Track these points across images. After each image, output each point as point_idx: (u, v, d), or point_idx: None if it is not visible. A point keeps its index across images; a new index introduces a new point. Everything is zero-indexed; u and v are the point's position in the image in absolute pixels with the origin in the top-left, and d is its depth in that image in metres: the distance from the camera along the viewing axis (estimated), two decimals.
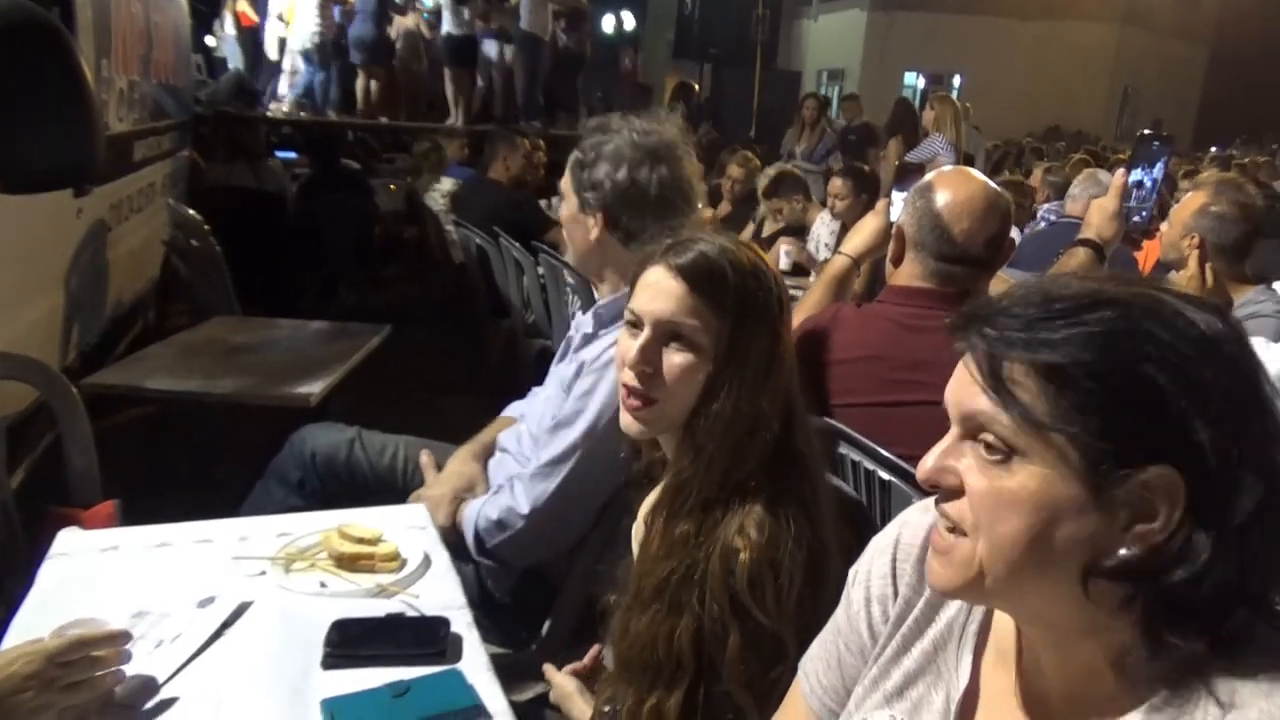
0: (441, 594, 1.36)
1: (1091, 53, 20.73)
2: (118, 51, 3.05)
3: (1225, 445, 0.66)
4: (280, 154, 6.80)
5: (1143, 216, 2.03)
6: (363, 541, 1.42)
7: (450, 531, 1.77)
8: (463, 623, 1.27)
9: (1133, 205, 2.00)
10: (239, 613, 1.27)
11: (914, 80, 20.55)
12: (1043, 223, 4.77)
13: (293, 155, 7.09)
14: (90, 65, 2.52)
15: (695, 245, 1.20)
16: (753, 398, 1.16)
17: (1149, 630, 0.69)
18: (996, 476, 0.71)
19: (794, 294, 1.63)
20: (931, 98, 6.82)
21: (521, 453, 1.89)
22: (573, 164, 1.83)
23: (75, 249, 2.72)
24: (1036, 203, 5.24)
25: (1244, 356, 0.69)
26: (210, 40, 9.59)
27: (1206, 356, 0.67)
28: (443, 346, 4.93)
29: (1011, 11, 20.08)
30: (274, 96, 8.57)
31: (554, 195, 5.34)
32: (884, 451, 1.51)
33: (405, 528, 1.53)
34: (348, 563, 1.39)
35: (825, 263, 2.84)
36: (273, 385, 2.48)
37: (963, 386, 0.74)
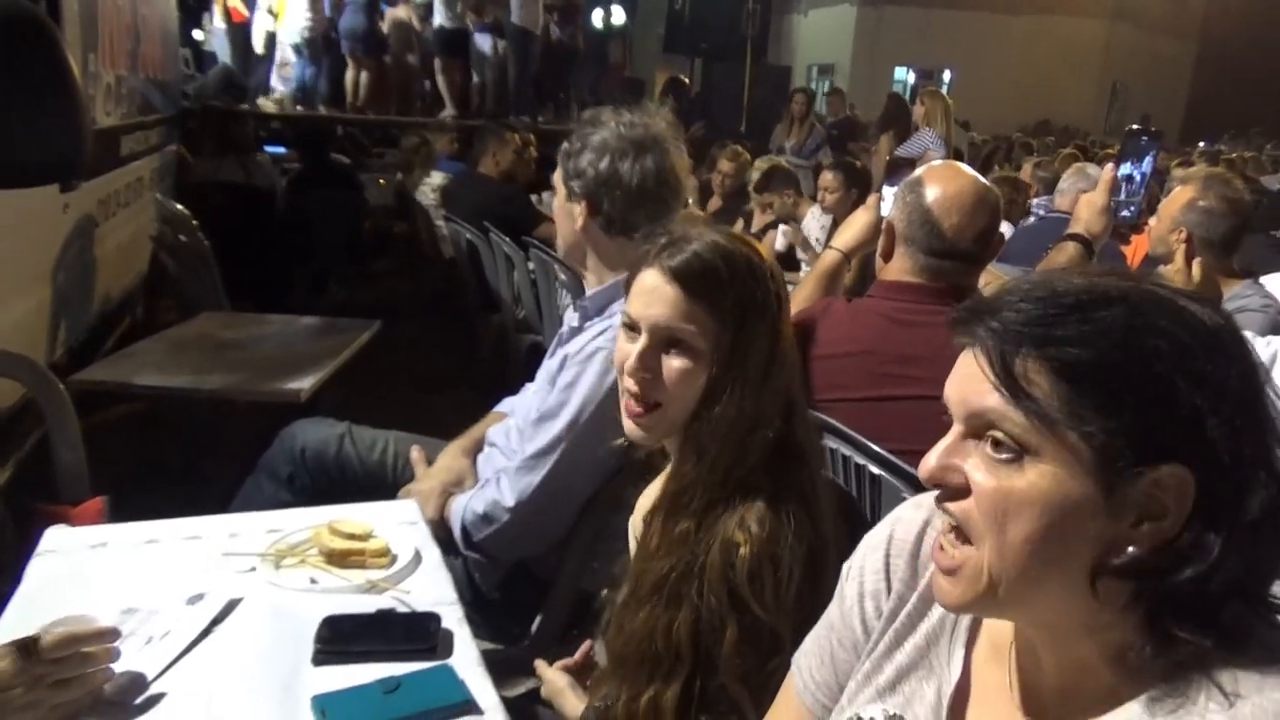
0: (432, 590, 1.36)
1: (1081, 48, 20.80)
2: (105, 46, 3.03)
3: (1235, 442, 0.66)
4: (269, 149, 6.76)
5: (1131, 211, 2.04)
6: (353, 537, 1.41)
7: (439, 525, 1.77)
8: (454, 618, 1.27)
9: (1121, 200, 2.01)
10: (229, 609, 1.27)
11: (904, 75, 20.58)
12: (1032, 217, 4.78)
13: (282, 150, 7.05)
14: (77, 59, 2.50)
15: (689, 245, 1.18)
16: (755, 397, 1.16)
17: (1155, 627, 0.68)
18: (1006, 476, 0.69)
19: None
20: (921, 93, 6.83)
21: (509, 447, 1.89)
22: (561, 154, 1.86)
23: (62, 244, 2.70)
24: (1029, 198, 5.24)
25: (1243, 350, 0.69)
26: (198, 34, 9.53)
27: (1213, 351, 0.67)
28: (433, 342, 4.92)
29: (1001, 6, 20.13)
30: (264, 91, 8.53)
31: (545, 190, 5.34)
32: (875, 446, 1.51)
33: (396, 523, 1.53)
34: (338, 559, 1.39)
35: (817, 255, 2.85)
36: (262, 381, 2.47)
37: (968, 383, 0.72)
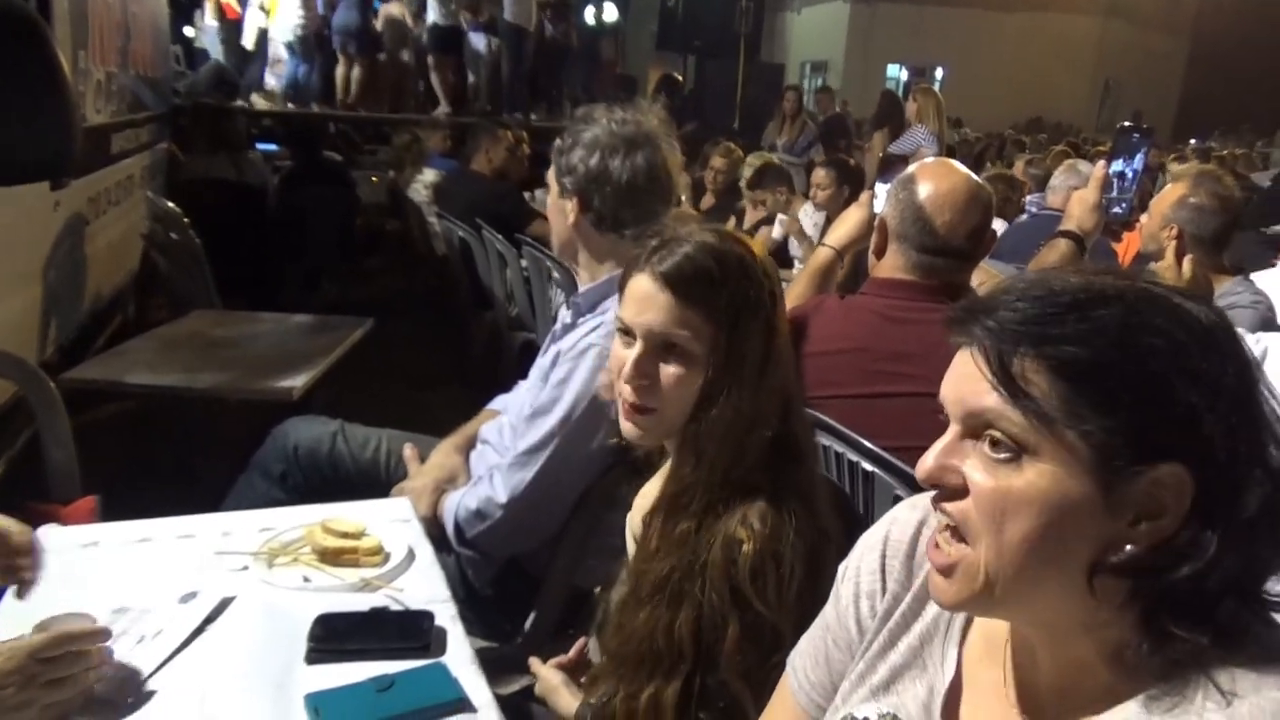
0: (426, 588, 1.36)
1: (1074, 45, 20.87)
2: (95, 42, 3.01)
3: (1232, 440, 0.66)
4: (261, 146, 6.74)
5: (1123, 208, 2.04)
6: (346, 536, 1.41)
7: (431, 522, 1.77)
8: (447, 616, 1.27)
9: (1113, 197, 2.01)
10: (221, 608, 1.27)
11: (897, 72, 20.61)
12: (1024, 214, 4.80)
13: (274, 147, 7.03)
14: (67, 56, 2.49)
15: (680, 248, 1.18)
16: (752, 397, 1.16)
17: (1152, 625, 0.68)
18: (1004, 475, 0.69)
19: None
20: (914, 90, 6.84)
21: (502, 443, 1.90)
22: (554, 151, 1.87)
23: (53, 242, 2.69)
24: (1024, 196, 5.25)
25: (1238, 347, 0.69)
26: (189, 31, 9.50)
27: (1208, 349, 0.67)
28: (426, 339, 4.91)
29: (994, 3, 20.18)
30: (257, 88, 8.50)
31: (538, 187, 5.33)
32: (867, 443, 1.51)
33: (389, 521, 1.53)
34: (331, 557, 1.39)
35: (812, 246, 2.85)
36: (254, 379, 2.46)
37: (966, 382, 0.72)
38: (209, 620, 1.24)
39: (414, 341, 4.78)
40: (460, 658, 1.20)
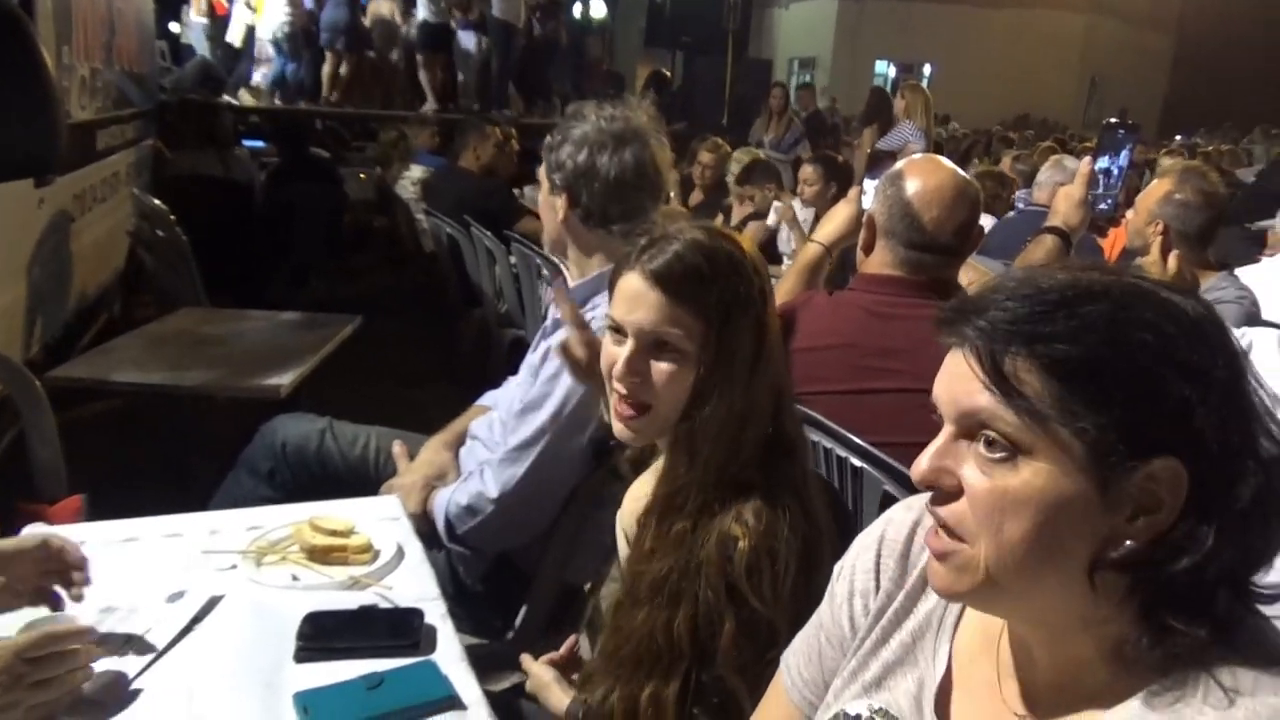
0: (415, 585, 1.35)
1: (1060, 42, 20.95)
2: (79, 38, 2.99)
3: (1224, 431, 0.66)
4: (248, 143, 6.70)
5: (1108, 204, 2.05)
6: (335, 534, 1.41)
7: (421, 519, 1.77)
8: (437, 614, 1.27)
9: (1099, 193, 2.02)
10: (209, 607, 1.26)
11: (885, 69, 20.65)
12: (1013, 210, 4.82)
13: (261, 144, 6.99)
14: (51, 52, 2.47)
15: (670, 246, 1.18)
16: (745, 395, 1.16)
17: (1151, 619, 0.69)
18: (1000, 475, 0.69)
19: None
20: (902, 86, 6.86)
21: (492, 439, 1.90)
22: (545, 147, 1.87)
23: (37, 240, 2.67)
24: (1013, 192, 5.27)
25: (1226, 339, 0.70)
26: (174, 27, 9.43)
27: (1197, 341, 0.68)
28: (414, 336, 4.90)
29: (982, 0, 20.22)
30: (245, 84, 8.45)
31: (527, 184, 5.32)
32: (855, 438, 1.52)
33: (378, 519, 1.53)
34: (320, 555, 1.38)
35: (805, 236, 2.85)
36: (242, 377, 2.45)
37: (958, 383, 0.72)
38: (197, 619, 1.23)
39: (402, 339, 4.76)
40: (450, 655, 1.19)
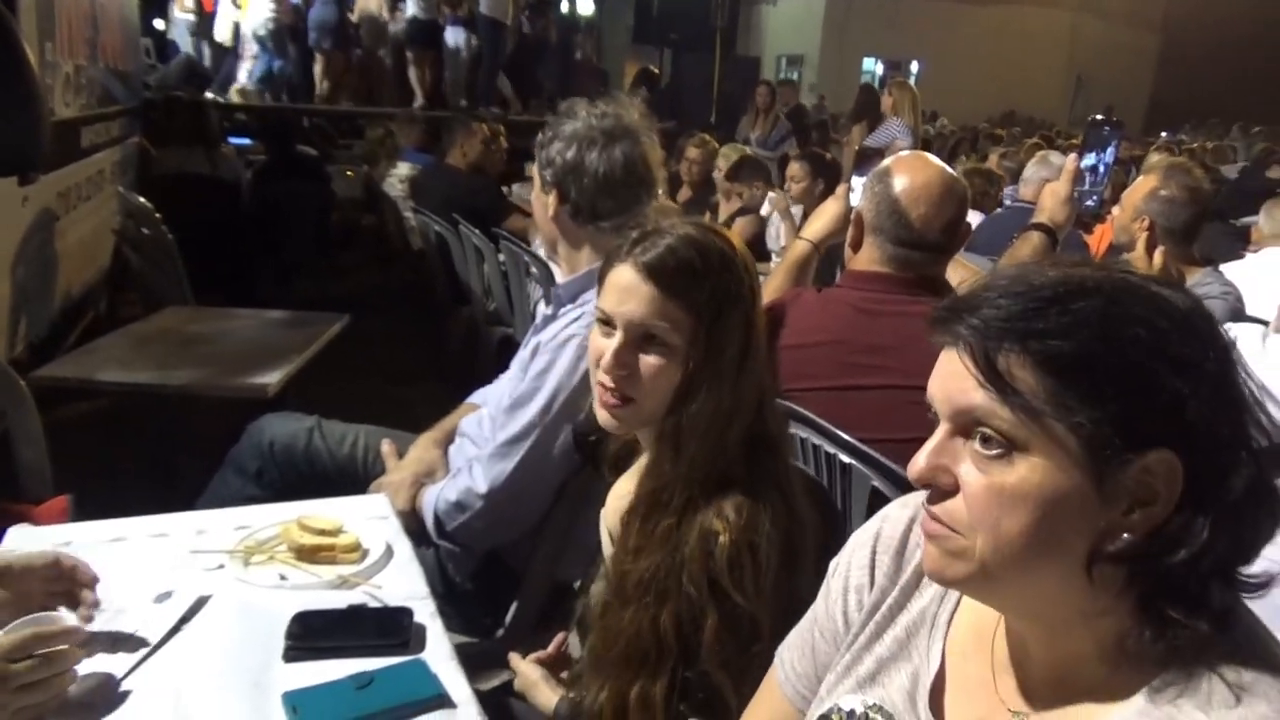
0: (404, 584, 1.35)
1: (1047, 39, 21.04)
2: (62, 34, 2.97)
3: (1216, 423, 0.67)
4: (234, 140, 6.67)
5: (1094, 201, 2.06)
6: (323, 533, 1.40)
7: (410, 517, 1.77)
8: (426, 612, 1.27)
9: (1084, 190, 2.03)
10: (197, 607, 1.26)
11: (873, 66, 20.68)
12: (1000, 207, 4.84)
13: (247, 142, 6.96)
14: (34, 49, 2.45)
15: (662, 240, 1.18)
16: (732, 391, 1.16)
17: (1151, 611, 0.69)
18: (997, 472, 0.69)
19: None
20: (890, 84, 6.88)
21: (481, 435, 1.90)
22: (536, 145, 1.88)
23: (22, 238, 2.66)
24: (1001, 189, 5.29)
25: (1215, 331, 0.70)
26: (159, 23, 9.37)
27: (1188, 334, 0.68)
28: (403, 335, 4.88)
29: None
30: (231, 82, 8.40)
31: (516, 181, 5.31)
32: (844, 435, 1.52)
33: (366, 518, 1.52)
34: (308, 554, 1.38)
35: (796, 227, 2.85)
36: (229, 376, 2.44)
37: (953, 381, 0.72)
38: (185, 620, 1.23)
39: (391, 337, 4.75)
40: (440, 654, 1.19)
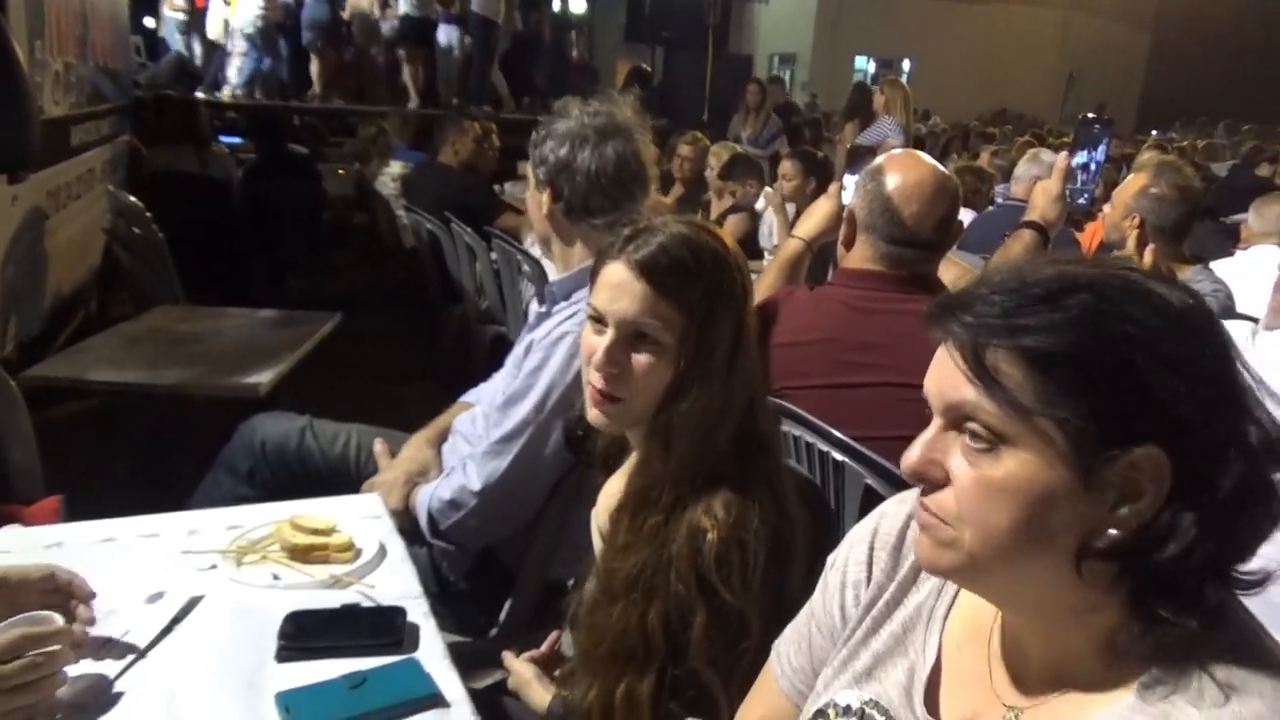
0: (398, 583, 1.35)
1: (1038, 37, 21.11)
2: (52, 32, 2.96)
3: (1207, 422, 0.67)
4: (225, 139, 6.65)
5: (1085, 198, 2.07)
6: (316, 532, 1.40)
7: (403, 516, 1.76)
8: (419, 612, 1.27)
9: (1076, 188, 2.04)
10: (189, 607, 1.25)
11: (864, 64, 20.71)
12: (992, 205, 4.85)
13: (238, 140, 6.94)
14: (23, 47, 2.44)
15: (655, 238, 1.17)
16: (723, 390, 1.16)
17: (1140, 607, 0.70)
18: (984, 466, 0.70)
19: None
20: (881, 82, 6.89)
21: (475, 433, 1.90)
22: (530, 143, 1.88)
23: (11, 237, 2.65)
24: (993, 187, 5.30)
25: (1214, 330, 0.70)
26: (149, 21, 9.33)
27: (1183, 333, 0.68)
28: (395, 334, 4.87)
29: None
30: (221, 80, 8.37)
31: (508, 180, 5.31)
32: (837, 433, 1.53)
33: (359, 517, 1.52)
34: (301, 554, 1.37)
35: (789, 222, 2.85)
36: (221, 375, 2.44)
37: (944, 376, 0.73)
38: (177, 620, 1.22)
39: (383, 336, 4.74)
40: (433, 653, 1.19)
